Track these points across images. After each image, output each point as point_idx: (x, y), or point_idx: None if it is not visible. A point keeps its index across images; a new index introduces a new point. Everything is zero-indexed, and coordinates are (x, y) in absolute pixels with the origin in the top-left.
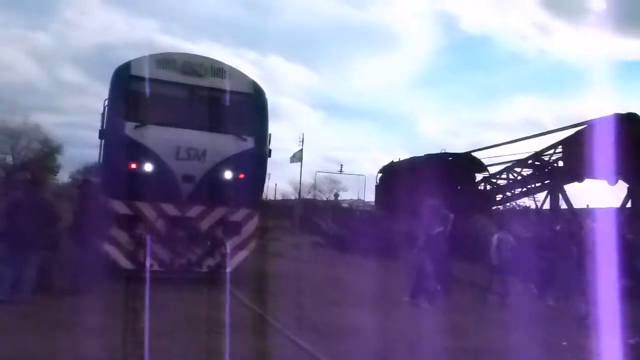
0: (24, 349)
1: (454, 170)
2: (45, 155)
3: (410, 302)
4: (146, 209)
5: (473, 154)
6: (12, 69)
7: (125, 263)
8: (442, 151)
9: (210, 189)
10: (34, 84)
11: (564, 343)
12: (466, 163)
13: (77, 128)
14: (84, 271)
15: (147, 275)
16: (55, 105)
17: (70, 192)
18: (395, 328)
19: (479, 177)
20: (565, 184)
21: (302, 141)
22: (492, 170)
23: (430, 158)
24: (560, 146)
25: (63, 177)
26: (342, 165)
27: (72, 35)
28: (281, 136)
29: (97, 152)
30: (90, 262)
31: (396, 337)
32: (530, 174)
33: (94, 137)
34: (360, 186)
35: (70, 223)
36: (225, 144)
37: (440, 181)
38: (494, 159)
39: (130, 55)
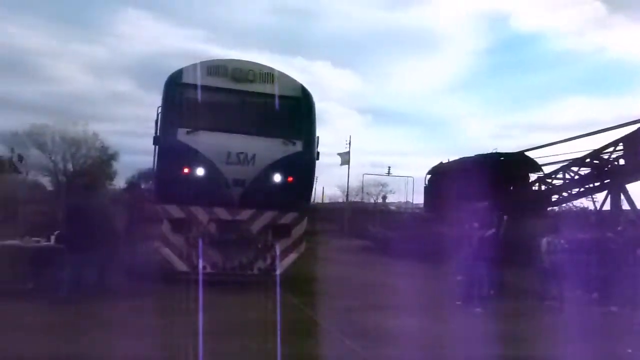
0: (80, 348)
1: (506, 171)
2: (103, 162)
3: (462, 306)
4: (199, 213)
5: (526, 153)
6: (72, 80)
7: (179, 265)
8: (494, 151)
9: (259, 193)
10: (91, 95)
11: (629, 351)
12: (519, 163)
13: (131, 136)
14: (139, 273)
15: (200, 277)
16: (110, 115)
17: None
18: (446, 333)
19: (532, 177)
20: (628, 183)
21: (349, 144)
22: (547, 170)
23: (481, 158)
24: (621, 143)
25: (119, 182)
26: (389, 167)
27: (125, 47)
28: (328, 141)
29: (150, 158)
30: (145, 264)
31: (448, 343)
32: (589, 173)
33: (146, 144)
34: (408, 188)
35: (123, 226)
36: (274, 147)
37: (492, 182)
38: (548, 158)
39: (179, 65)
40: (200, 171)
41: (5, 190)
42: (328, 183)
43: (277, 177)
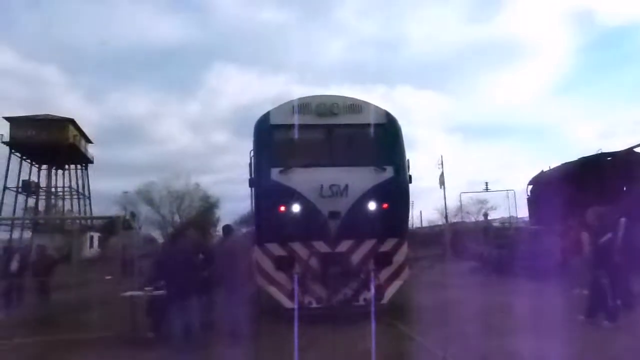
0: None
1: (616, 171)
2: (205, 211)
3: (586, 321)
4: (299, 249)
5: (636, 149)
6: (172, 138)
7: (286, 302)
8: (599, 152)
9: (356, 223)
10: (190, 149)
11: None
12: (629, 161)
13: (229, 184)
14: (247, 313)
15: (298, 311)
16: (209, 166)
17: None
18: (573, 351)
19: None
20: None
21: (442, 164)
22: None
23: (585, 161)
24: None
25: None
26: (486, 183)
27: (217, 101)
28: (421, 165)
29: (248, 203)
30: (252, 304)
31: None
32: None
33: (244, 190)
34: (510, 203)
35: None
36: (365, 176)
37: (601, 185)
38: None
39: (268, 109)
40: (296, 207)
41: (121, 246)
42: (426, 207)
43: (372, 205)
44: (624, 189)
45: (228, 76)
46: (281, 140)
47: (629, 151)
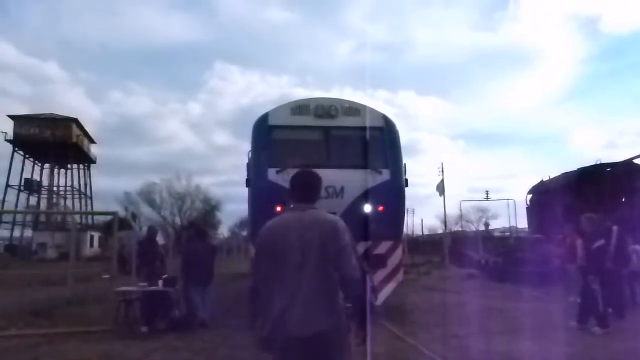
0: None
1: (615, 182)
2: (207, 212)
3: (578, 327)
4: None
5: (635, 161)
6: (174, 138)
7: None
8: (597, 162)
9: (351, 224)
10: (191, 150)
11: None
12: (628, 171)
13: (231, 186)
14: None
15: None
16: (210, 167)
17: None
18: (562, 355)
19: None
20: None
21: (442, 171)
22: None
23: (584, 172)
24: None
25: (223, 231)
26: (487, 191)
27: (218, 101)
28: (422, 171)
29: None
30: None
31: None
32: None
33: (245, 191)
34: (510, 212)
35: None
36: (361, 178)
37: (599, 195)
38: None
39: (268, 110)
40: None
41: (121, 245)
42: (428, 214)
43: (367, 208)
44: (622, 200)
45: (230, 77)
46: (279, 141)
47: (628, 162)
